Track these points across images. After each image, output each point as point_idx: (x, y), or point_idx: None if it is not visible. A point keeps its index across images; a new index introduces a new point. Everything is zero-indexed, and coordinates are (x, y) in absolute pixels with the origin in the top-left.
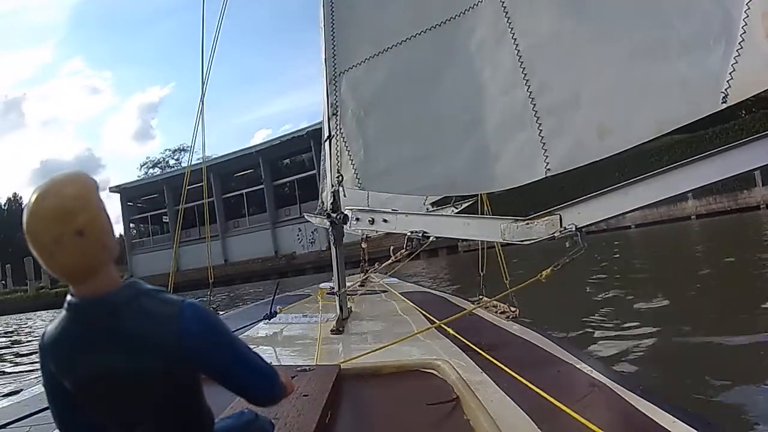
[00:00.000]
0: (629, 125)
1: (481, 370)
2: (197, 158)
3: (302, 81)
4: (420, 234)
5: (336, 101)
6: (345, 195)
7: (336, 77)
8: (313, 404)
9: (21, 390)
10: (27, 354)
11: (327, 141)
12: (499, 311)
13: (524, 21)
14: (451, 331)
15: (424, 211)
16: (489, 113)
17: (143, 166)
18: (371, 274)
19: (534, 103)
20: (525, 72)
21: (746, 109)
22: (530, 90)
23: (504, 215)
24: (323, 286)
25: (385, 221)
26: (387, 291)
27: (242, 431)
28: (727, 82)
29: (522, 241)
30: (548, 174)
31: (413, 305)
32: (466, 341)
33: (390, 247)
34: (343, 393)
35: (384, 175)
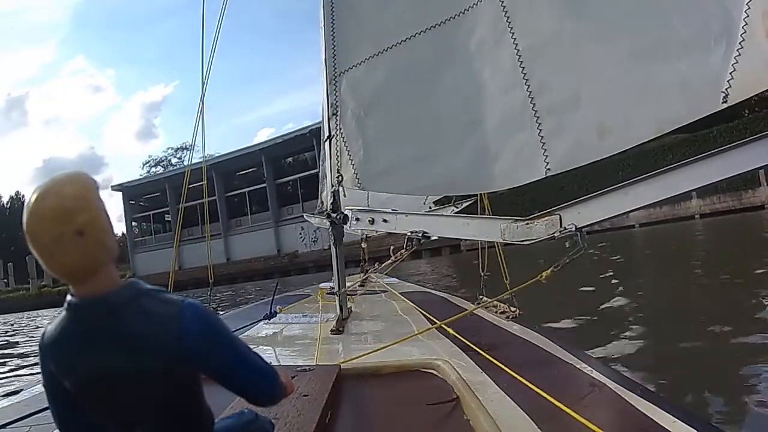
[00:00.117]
0: (629, 125)
1: (481, 370)
2: (198, 157)
3: (305, 80)
4: (420, 234)
5: (336, 101)
6: (345, 195)
7: (336, 77)
8: (313, 404)
9: (21, 390)
10: (27, 354)
11: (327, 141)
12: (500, 311)
13: (524, 21)
14: (451, 332)
15: (424, 211)
16: (489, 113)
17: (146, 165)
18: (371, 274)
19: (534, 103)
20: (525, 72)
21: (749, 109)
22: (530, 90)
23: (504, 215)
24: (323, 286)
25: (385, 221)
26: (387, 291)
27: (242, 431)
28: (728, 82)
29: (522, 241)
30: (548, 174)
31: (413, 305)
32: (466, 341)
33: (390, 247)
34: (343, 393)
35: (384, 175)
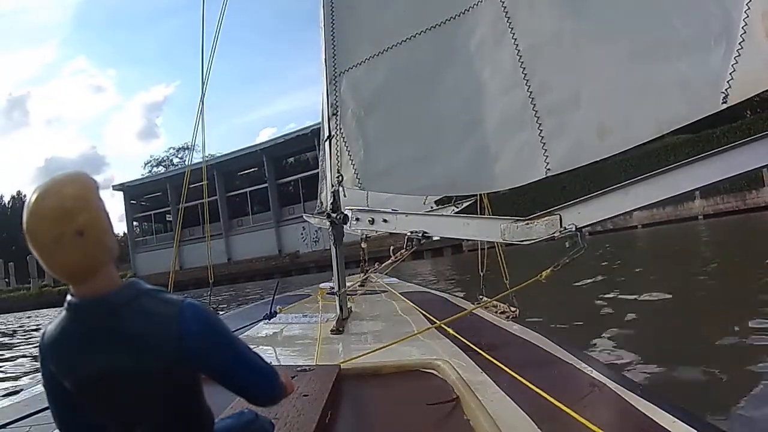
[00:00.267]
0: (629, 125)
1: (481, 370)
2: (199, 157)
3: (306, 80)
4: (420, 234)
5: (336, 101)
6: (345, 195)
7: (336, 77)
8: (313, 404)
9: (21, 390)
10: (27, 354)
11: (327, 141)
12: (499, 311)
13: (524, 21)
14: (451, 331)
15: (424, 211)
16: (489, 113)
17: (147, 165)
18: (371, 274)
19: (534, 103)
20: (525, 72)
21: (751, 110)
22: (530, 90)
23: (505, 215)
24: (323, 286)
25: (385, 221)
26: (387, 291)
27: (242, 431)
28: (728, 83)
29: (522, 241)
30: (548, 174)
31: (413, 305)
32: (466, 341)
33: (390, 247)
34: (343, 393)
35: (384, 175)
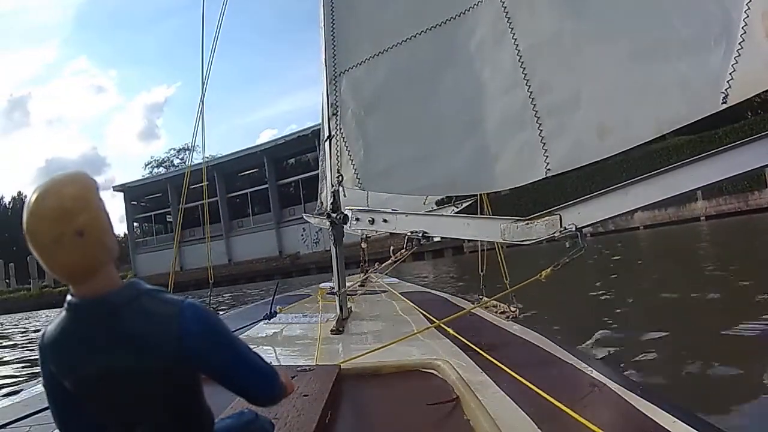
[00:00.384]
0: (629, 125)
1: (481, 370)
2: (200, 158)
3: (307, 81)
4: (420, 234)
5: (336, 101)
6: (345, 195)
7: (336, 77)
8: (313, 404)
9: (21, 390)
10: (26, 355)
11: (327, 141)
12: (499, 311)
13: (524, 21)
14: (451, 331)
15: (425, 211)
16: (489, 113)
17: (148, 166)
18: (371, 274)
19: (534, 104)
20: (525, 72)
21: (752, 111)
22: (530, 90)
23: (504, 215)
24: (323, 286)
25: (385, 221)
26: (387, 291)
27: (242, 431)
28: (728, 83)
29: (522, 241)
30: (548, 174)
31: (413, 305)
32: (466, 341)
33: (390, 248)
34: (343, 393)
35: (384, 175)
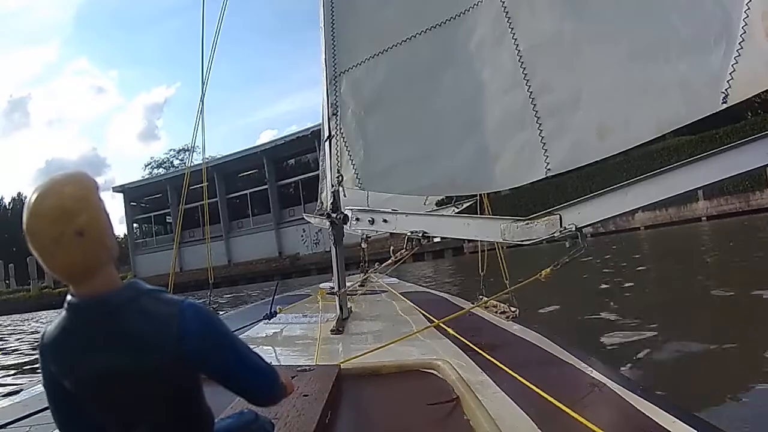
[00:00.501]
0: (629, 125)
1: (481, 370)
2: (199, 158)
3: (307, 81)
4: (420, 234)
5: (336, 101)
6: (345, 195)
7: (336, 77)
8: (313, 404)
9: (21, 390)
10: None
11: (327, 141)
12: (499, 311)
13: (525, 21)
14: (451, 331)
15: (425, 211)
16: (489, 113)
17: (148, 167)
18: (371, 275)
19: (534, 104)
20: (525, 72)
21: (752, 111)
22: (530, 90)
23: (504, 215)
24: (323, 286)
25: (385, 221)
26: (387, 291)
27: (242, 431)
28: (728, 83)
29: (522, 242)
30: (548, 174)
31: (413, 305)
32: (466, 341)
33: (390, 248)
34: (343, 393)
35: (384, 175)
